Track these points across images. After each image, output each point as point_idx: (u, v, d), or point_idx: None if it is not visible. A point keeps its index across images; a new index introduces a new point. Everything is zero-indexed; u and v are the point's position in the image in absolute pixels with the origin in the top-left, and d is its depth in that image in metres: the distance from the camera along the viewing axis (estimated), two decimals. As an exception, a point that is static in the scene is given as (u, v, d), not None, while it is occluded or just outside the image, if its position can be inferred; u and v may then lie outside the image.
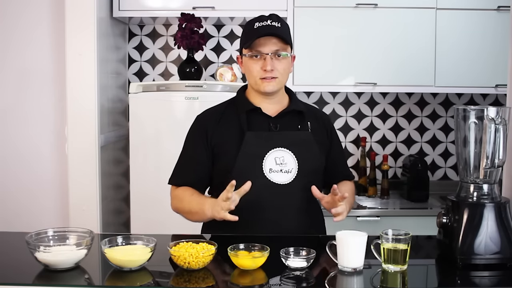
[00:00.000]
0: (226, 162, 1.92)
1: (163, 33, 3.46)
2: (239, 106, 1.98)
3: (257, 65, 1.90)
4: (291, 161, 1.90)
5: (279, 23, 1.91)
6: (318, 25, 3.11)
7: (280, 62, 1.90)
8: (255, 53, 1.90)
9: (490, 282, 1.60)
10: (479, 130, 1.63)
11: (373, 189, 3.30)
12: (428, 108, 3.50)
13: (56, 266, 1.50)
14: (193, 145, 2.00)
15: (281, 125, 1.95)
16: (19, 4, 2.99)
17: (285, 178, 1.89)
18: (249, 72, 1.93)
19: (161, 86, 2.91)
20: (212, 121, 1.98)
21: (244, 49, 1.93)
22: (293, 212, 1.90)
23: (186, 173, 2.00)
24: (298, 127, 1.96)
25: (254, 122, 1.94)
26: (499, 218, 1.61)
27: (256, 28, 1.90)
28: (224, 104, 2.04)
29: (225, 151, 1.93)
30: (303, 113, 1.99)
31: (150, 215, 2.87)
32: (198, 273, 1.52)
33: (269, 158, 1.90)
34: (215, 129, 1.96)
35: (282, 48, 1.90)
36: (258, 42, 1.89)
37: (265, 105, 1.97)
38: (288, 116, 1.97)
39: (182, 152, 2.04)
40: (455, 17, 3.11)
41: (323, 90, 3.41)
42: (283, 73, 1.92)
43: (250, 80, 1.96)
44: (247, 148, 1.90)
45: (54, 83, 3.02)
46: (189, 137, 2.03)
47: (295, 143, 1.92)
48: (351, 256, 1.53)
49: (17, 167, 3.07)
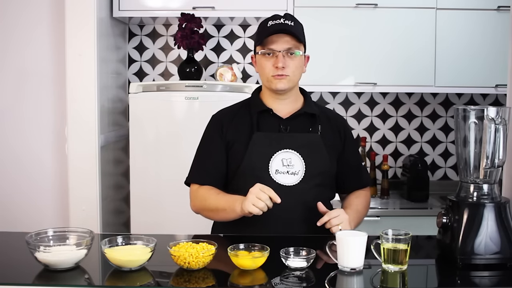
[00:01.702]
0: (234, 161, 1.93)
1: (163, 33, 3.46)
2: (252, 107, 1.99)
3: (269, 63, 1.91)
4: (298, 163, 1.90)
5: (292, 22, 1.93)
6: (318, 25, 3.11)
7: (292, 60, 1.91)
8: (268, 51, 1.91)
9: (490, 282, 1.60)
10: (479, 130, 1.63)
11: (373, 189, 3.30)
12: (428, 108, 3.50)
13: (56, 266, 1.50)
14: (210, 143, 1.99)
15: (292, 127, 1.95)
16: (19, 3, 2.99)
17: (291, 180, 1.89)
18: (262, 70, 1.94)
19: (161, 86, 2.91)
20: (227, 119, 1.99)
21: (257, 46, 1.94)
22: (299, 214, 1.90)
23: (206, 172, 1.97)
24: (309, 129, 1.96)
25: (265, 123, 1.95)
26: (499, 218, 1.61)
27: (269, 26, 1.91)
28: (239, 104, 2.06)
29: (234, 150, 1.94)
30: (316, 115, 1.98)
31: (150, 215, 2.87)
32: (198, 273, 1.52)
33: (276, 159, 1.90)
34: (229, 127, 1.97)
35: (295, 46, 1.91)
36: (271, 40, 1.90)
37: (278, 106, 1.97)
38: (300, 118, 1.97)
39: (200, 150, 2.02)
40: (455, 17, 3.11)
41: (323, 90, 3.41)
42: (295, 71, 1.92)
43: (262, 78, 1.97)
44: (254, 148, 1.90)
45: (54, 83, 3.01)
46: (206, 135, 2.03)
47: (304, 145, 1.92)
48: (351, 256, 1.53)
49: (17, 167, 3.06)
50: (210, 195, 1.93)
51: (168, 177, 2.84)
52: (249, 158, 1.90)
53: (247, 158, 1.90)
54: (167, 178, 2.85)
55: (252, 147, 1.90)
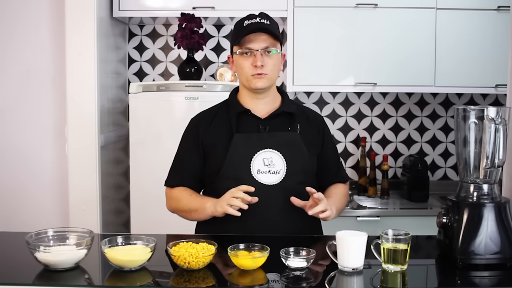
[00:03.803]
0: (215, 164, 1.95)
1: (163, 33, 3.46)
2: (230, 108, 2.00)
3: (247, 62, 1.92)
4: (280, 162, 1.91)
5: (268, 20, 1.93)
6: (318, 25, 3.11)
7: (270, 59, 1.92)
8: (245, 50, 1.91)
9: (490, 282, 1.60)
10: (479, 130, 1.63)
11: (373, 189, 3.30)
12: (428, 108, 3.50)
13: (56, 266, 1.50)
14: (185, 147, 2.04)
15: (270, 126, 1.96)
16: (19, 4, 2.99)
17: (273, 179, 1.90)
18: (240, 69, 1.95)
19: (161, 86, 2.91)
20: (204, 122, 2.01)
21: (235, 46, 1.95)
22: (282, 212, 1.90)
23: (180, 175, 2.03)
24: (288, 128, 1.97)
25: (244, 124, 1.96)
26: (499, 218, 1.62)
27: (246, 25, 1.92)
28: (217, 106, 2.07)
29: (214, 152, 1.96)
30: (294, 114, 1.99)
31: (150, 215, 2.87)
32: (198, 273, 1.52)
33: (257, 159, 1.91)
34: (206, 130, 1.99)
35: (272, 44, 1.92)
36: (248, 39, 1.90)
37: (256, 106, 1.98)
38: (278, 117, 1.98)
39: (176, 154, 2.08)
40: (455, 17, 3.11)
41: (323, 90, 3.41)
42: (274, 69, 1.93)
43: (241, 78, 1.97)
44: (235, 149, 1.91)
45: (54, 83, 3.02)
46: (182, 139, 2.07)
47: (284, 144, 1.93)
48: (351, 256, 1.53)
49: (17, 167, 3.07)
50: (183, 196, 1.99)
51: (168, 177, 2.84)
52: (230, 159, 1.91)
53: (228, 160, 1.91)
54: (167, 178, 2.84)
55: (233, 149, 1.91)
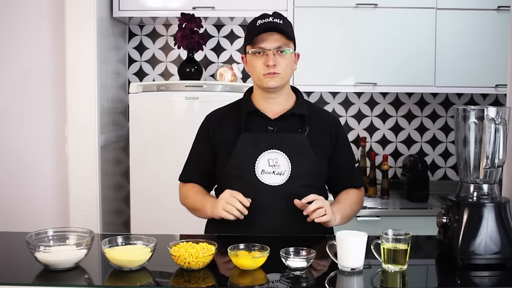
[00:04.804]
0: (221, 162, 1.96)
1: (163, 33, 3.46)
2: (241, 108, 2.00)
3: (260, 61, 1.91)
4: (284, 163, 1.90)
5: (281, 20, 1.93)
6: (318, 25, 3.11)
7: (283, 58, 1.91)
8: (258, 50, 1.91)
9: (490, 282, 1.60)
10: (479, 130, 1.63)
11: (373, 189, 3.30)
12: (428, 108, 3.50)
13: (56, 266, 1.50)
14: (197, 144, 2.07)
15: (280, 127, 1.95)
16: (19, 3, 2.99)
17: (277, 180, 1.90)
18: (253, 69, 1.94)
19: (161, 86, 2.91)
20: (215, 121, 2.03)
21: (247, 46, 1.95)
22: (285, 214, 1.89)
23: (191, 171, 2.07)
24: (298, 130, 1.96)
25: (253, 123, 1.96)
26: (499, 218, 1.61)
27: (259, 25, 1.92)
28: (231, 104, 2.08)
29: (222, 151, 1.97)
30: (305, 116, 1.98)
31: (150, 215, 2.87)
32: (198, 273, 1.52)
33: (262, 159, 1.90)
34: (217, 129, 2.00)
35: (285, 44, 1.91)
36: (261, 38, 1.90)
37: (268, 106, 1.97)
38: (289, 118, 1.97)
39: (190, 150, 2.11)
40: (455, 17, 3.11)
41: (323, 90, 3.41)
42: (286, 69, 1.92)
43: (254, 77, 1.97)
44: (240, 148, 1.91)
45: (54, 83, 3.01)
46: (196, 136, 2.10)
47: (290, 146, 1.92)
48: (351, 256, 1.53)
49: (17, 167, 3.06)
50: (190, 193, 2.03)
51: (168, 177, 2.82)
52: (235, 158, 1.91)
53: (233, 159, 1.92)
54: (167, 178, 2.84)
55: (238, 148, 1.92)
